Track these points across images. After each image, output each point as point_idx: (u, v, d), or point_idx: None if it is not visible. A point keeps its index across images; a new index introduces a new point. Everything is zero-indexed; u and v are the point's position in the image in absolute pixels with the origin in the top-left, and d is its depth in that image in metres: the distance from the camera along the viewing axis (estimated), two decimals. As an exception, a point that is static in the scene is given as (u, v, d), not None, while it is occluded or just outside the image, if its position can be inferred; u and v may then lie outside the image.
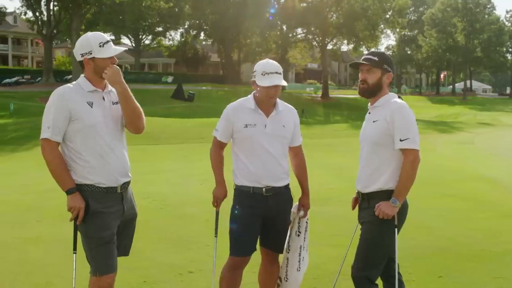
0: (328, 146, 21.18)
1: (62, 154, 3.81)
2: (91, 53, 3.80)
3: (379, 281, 4.22)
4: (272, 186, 4.31)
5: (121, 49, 3.98)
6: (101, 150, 3.79)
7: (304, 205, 4.56)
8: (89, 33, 3.95)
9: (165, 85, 59.25)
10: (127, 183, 3.97)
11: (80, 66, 3.93)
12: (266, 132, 4.28)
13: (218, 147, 4.45)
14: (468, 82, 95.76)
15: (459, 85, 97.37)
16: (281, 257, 4.64)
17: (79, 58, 3.86)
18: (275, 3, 68.55)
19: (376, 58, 4.09)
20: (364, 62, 4.10)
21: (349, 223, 4.53)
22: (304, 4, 64.93)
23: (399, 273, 4.30)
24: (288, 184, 4.48)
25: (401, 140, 3.91)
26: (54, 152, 3.75)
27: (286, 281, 4.55)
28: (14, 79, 54.29)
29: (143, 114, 4.08)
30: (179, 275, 5.92)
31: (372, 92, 4.13)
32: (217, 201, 4.46)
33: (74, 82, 3.90)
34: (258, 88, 4.26)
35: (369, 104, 4.23)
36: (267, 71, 4.22)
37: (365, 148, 4.18)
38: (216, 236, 4.53)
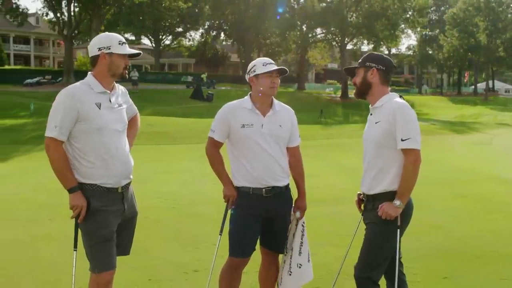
0: (344, 146, 21.10)
1: (66, 152, 3.84)
2: (109, 48, 3.86)
3: (382, 281, 4.22)
4: (272, 186, 4.32)
5: (136, 51, 4.02)
6: (106, 152, 3.84)
7: (300, 206, 4.54)
8: (108, 33, 4.04)
9: (184, 85, 59.40)
10: (129, 183, 4.02)
11: (91, 62, 3.96)
12: (263, 132, 4.29)
13: (216, 147, 4.44)
14: (490, 82, 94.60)
15: (481, 85, 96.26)
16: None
17: (95, 52, 3.89)
18: (295, 3, 68.46)
19: (360, 61, 4.23)
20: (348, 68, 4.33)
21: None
22: (324, 4, 64.75)
23: (403, 273, 4.30)
24: (288, 185, 4.49)
25: (402, 140, 3.91)
26: (59, 151, 3.79)
27: (280, 285, 4.55)
28: (36, 79, 54.63)
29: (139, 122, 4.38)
30: (184, 273, 5.98)
31: (361, 91, 4.21)
32: (229, 200, 4.43)
33: (83, 81, 3.93)
34: (260, 80, 4.29)
35: (370, 105, 4.24)
36: (267, 62, 4.33)
37: (368, 150, 4.19)
38: (220, 235, 4.55)
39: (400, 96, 4.17)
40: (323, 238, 7.32)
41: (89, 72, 3.96)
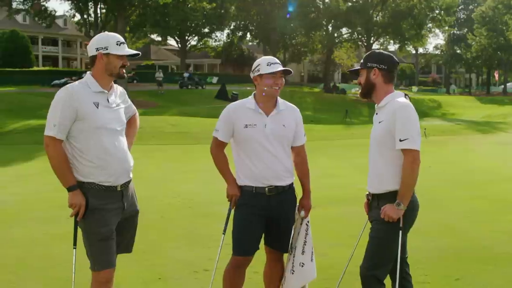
0: (365, 146, 20.75)
1: (65, 151, 3.89)
2: (107, 49, 3.91)
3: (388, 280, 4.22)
4: (274, 186, 4.34)
5: (135, 52, 4.06)
6: (104, 151, 3.88)
7: (304, 205, 4.56)
8: (107, 32, 4.08)
9: (210, 86, 59.59)
10: (128, 181, 4.06)
11: (90, 62, 4.03)
12: (266, 132, 4.30)
13: (220, 147, 4.48)
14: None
15: (511, 85, 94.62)
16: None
17: (93, 52, 3.95)
18: (320, 2, 68.24)
19: (362, 61, 4.23)
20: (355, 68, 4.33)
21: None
22: (349, 4, 64.48)
23: (408, 274, 4.30)
24: (292, 184, 4.50)
25: (400, 140, 3.89)
26: (58, 149, 3.84)
27: (283, 283, 4.56)
28: (63, 80, 54.83)
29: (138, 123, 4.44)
30: (194, 272, 6.02)
31: (365, 92, 4.22)
32: (232, 199, 4.49)
33: (81, 81, 3.99)
34: (264, 80, 4.30)
35: (375, 105, 4.24)
36: (272, 62, 4.32)
37: (372, 149, 4.20)
38: (224, 234, 4.60)
39: (406, 95, 4.16)
40: (335, 238, 7.31)
41: (88, 72, 4.03)
